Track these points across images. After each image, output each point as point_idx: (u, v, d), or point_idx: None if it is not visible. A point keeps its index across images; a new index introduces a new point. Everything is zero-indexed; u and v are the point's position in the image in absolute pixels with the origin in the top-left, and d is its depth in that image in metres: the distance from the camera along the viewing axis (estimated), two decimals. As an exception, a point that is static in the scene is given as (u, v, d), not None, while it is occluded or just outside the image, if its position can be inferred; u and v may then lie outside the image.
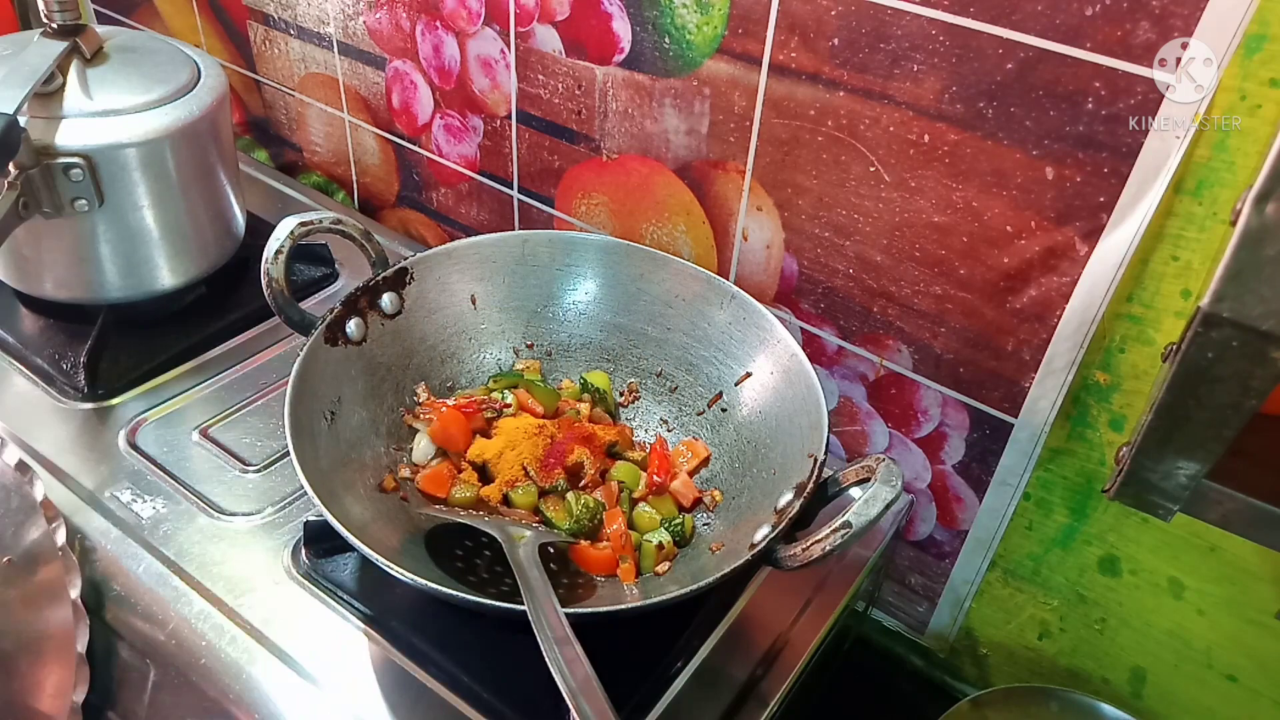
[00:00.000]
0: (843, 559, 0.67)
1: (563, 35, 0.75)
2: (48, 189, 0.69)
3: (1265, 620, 0.62)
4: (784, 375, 0.64)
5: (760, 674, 0.59)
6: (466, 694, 0.55)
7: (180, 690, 0.58)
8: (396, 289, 0.68)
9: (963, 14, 0.55)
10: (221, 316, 0.82)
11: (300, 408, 0.57)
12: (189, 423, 0.72)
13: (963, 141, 0.58)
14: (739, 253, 0.74)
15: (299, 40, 0.98)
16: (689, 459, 0.67)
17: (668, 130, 0.73)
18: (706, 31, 0.67)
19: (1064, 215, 0.57)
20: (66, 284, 0.76)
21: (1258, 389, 0.41)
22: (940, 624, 0.79)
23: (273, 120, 1.10)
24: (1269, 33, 0.47)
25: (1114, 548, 0.67)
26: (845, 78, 0.61)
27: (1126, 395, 0.61)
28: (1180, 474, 0.46)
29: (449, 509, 0.62)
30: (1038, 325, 0.61)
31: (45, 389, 0.74)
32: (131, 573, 0.61)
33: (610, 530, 0.61)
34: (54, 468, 0.67)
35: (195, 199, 0.78)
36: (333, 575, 0.61)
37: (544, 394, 0.68)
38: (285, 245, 0.61)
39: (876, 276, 0.67)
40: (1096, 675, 0.73)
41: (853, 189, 0.65)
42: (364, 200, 1.06)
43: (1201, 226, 0.53)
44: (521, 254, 0.72)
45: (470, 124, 0.87)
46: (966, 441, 0.69)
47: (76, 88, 0.71)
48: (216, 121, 0.78)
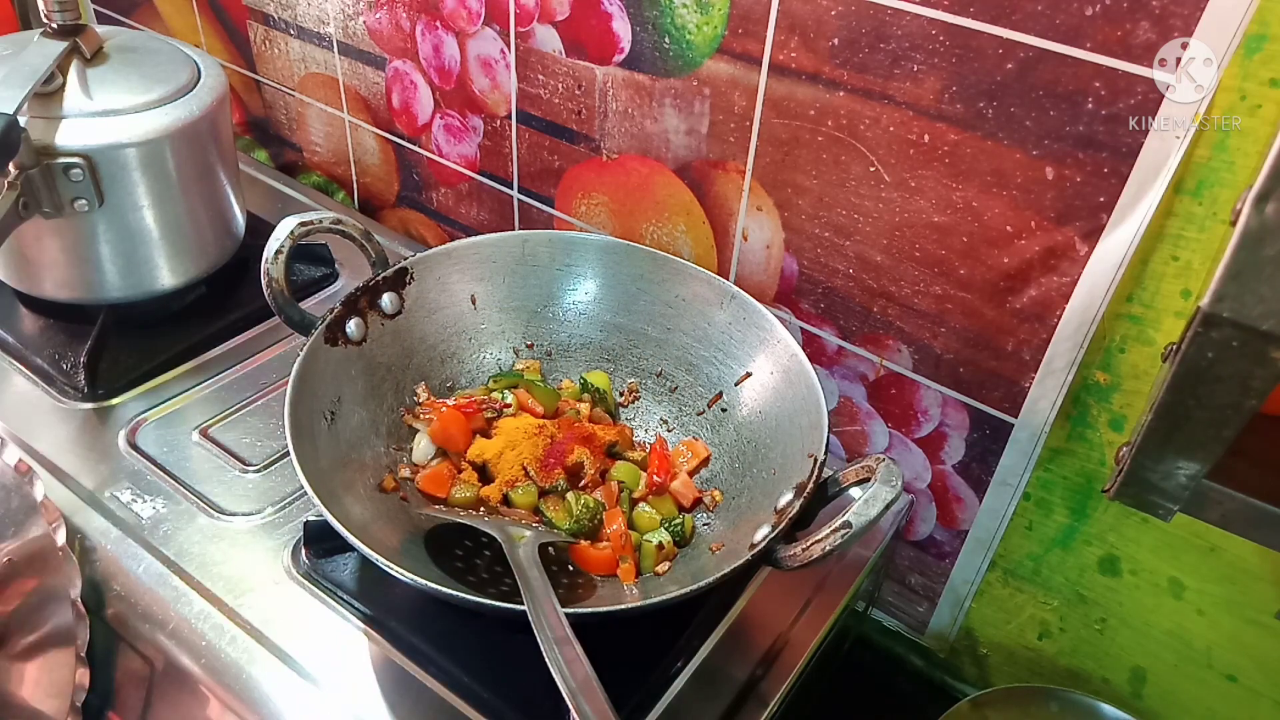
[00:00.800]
0: (843, 559, 0.67)
1: (563, 35, 0.75)
2: (48, 189, 0.69)
3: (1265, 620, 0.62)
4: (784, 375, 0.64)
5: (760, 674, 0.59)
6: (466, 694, 0.55)
7: (180, 690, 0.58)
8: (396, 289, 0.68)
9: (963, 14, 0.55)
10: (221, 316, 0.82)
11: (300, 408, 0.57)
12: (189, 423, 0.72)
13: (963, 141, 0.58)
14: (739, 253, 0.74)
15: (299, 40, 0.98)
16: (689, 459, 0.67)
17: (668, 130, 0.73)
18: (706, 31, 0.67)
19: (1064, 215, 0.57)
20: (66, 284, 0.76)
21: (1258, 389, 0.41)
22: (940, 624, 0.79)
23: (273, 120, 1.10)
24: (1269, 33, 0.47)
25: (1114, 548, 0.67)
26: (845, 78, 0.61)
27: (1126, 395, 0.61)
28: (1180, 474, 0.46)
29: (449, 509, 0.62)
30: (1038, 325, 0.61)
31: (45, 389, 0.74)
32: (131, 573, 0.61)
33: (610, 530, 0.61)
34: (54, 468, 0.67)
35: (195, 199, 0.78)
36: (333, 575, 0.61)
37: (544, 394, 0.68)
38: (285, 245, 0.61)
39: (876, 276, 0.67)
40: (1096, 675, 0.73)
41: (853, 189, 0.65)
42: (364, 200, 1.06)
43: (1201, 226, 0.53)
44: (521, 254, 0.72)
45: (470, 124, 0.87)
46: (966, 441, 0.69)
47: (76, 88, 0.71)
48: (216, 121, 0.78)
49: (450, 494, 0.63)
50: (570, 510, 0.61)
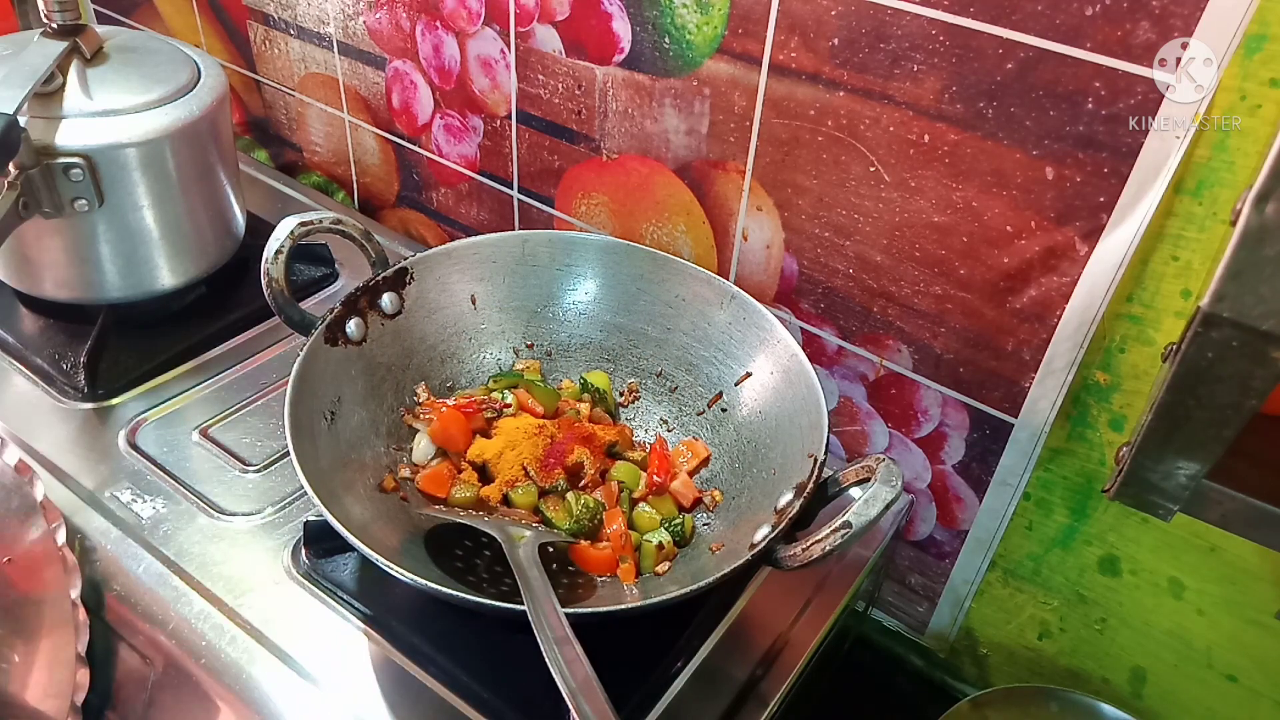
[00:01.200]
0: (843, 559, 0.67)
1: (563, 35, 0.75)
2: (48, 189, 0.69)
3: (1265, 620, 0.62)
4: (784, 375, 0.64)
5: (760, 674, 0.59)
6: (466, 694, 0.55)
7: (180, 690, 0.58)
8: (396, 289, 0.68)
9: (963, 14, 0.55)
10: (221, 316, 0.82)
11: (300, 408, 0.57)
12: (189, 423, 0.72)
13: (963, 141, 0.58)
14: (739, 253, 0.74)
15: (299, 40, 0.98)
16: (689, 459, 0.67)
17: (668, 130, 0.73)
18: (706, 31, 0.67)
19: (1064, 215, 0.57)
20: (66, 284, 0.76)
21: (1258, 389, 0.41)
22: (940, 624, 0.79)
23: (273, 120, 1.10)
24: (1269, 33, 0.47)
25: (1114, 548, 0.67)
26: (845, 78, 0.61)
27: (1126, 395, 0.61)
28: (1180, 474, 0.46)
29: (449, 509, 0.62)
30: (1038, 325, 0.61)
31: (45, 389, 0.74)
32: (131, 573, 0.61)
33: (610, 530, 0.61)
34: (54, 468, 0.67)
35: (195, 199, 0.78)
36: (333, 575, 0.61)
37: (544, 394, 0.68)
38: (285, 245, 0.61)
39: (876, 276, 0.67)
40: (1096, 675, 0.73)
41: (853, 189, 0.65)
42: (364, 200, 1.06)
43: (1201, 226, 0.53)
44: (521, 254, 0.72)
45: (470, 124, 0.87)
46: (966, 441, 0.69)
47: (76, 88, 0.71)
48: (216, 121, 0.78)
49: (450, 494, 0.63)
50: (570, 510, 0.61)
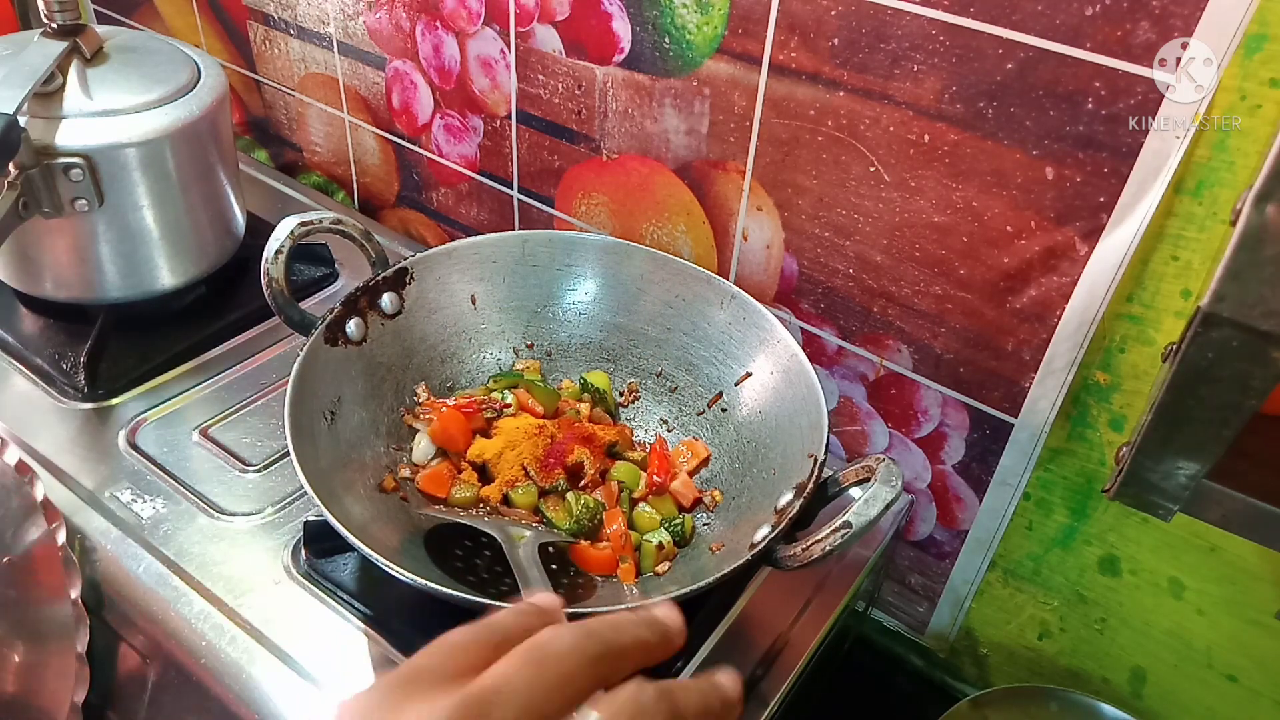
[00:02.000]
0: (843, 559, 0.67)
1: (563, 35, 0.75)
2: (48, 189, 0.69)
3: (1265, 620, 0.62)
4: (784, 375, 0.64)
5: (760, 674, 0.59)
6: (466, 694, 0.55)
7: (180, 690, 0.58)
8: (396, 289, 0.68)
9: (963, 14, 0.55)
10: (221, 316, 0.81)
11: (300, 408, 0.57)
12: (189, 423, 0.72)
13: (963, 141, 0.58)
14: (739, 253, 0.74)
15: (299, 40, 0.98)
16: (689, 459, 0.67)
17: (668, 130, 0.73)
18: (706, 31, 0.67)
19: (1064, 215, 0.57)
20: (66, 284, 0.76)
21: (1258, 389, 0.41)
22: (940, 624, 0.79)
23: (273, 120, 1.11)
24: (1269, 33, 0.47)
25: (1114, 548, 0.67)
26: (845, 78, 0.61)
27: (1126, 395, 0.61)
28: (1180, 474, 0.47)
29: (449, 509, 0.62)
30: (1038, 325, 0.61)
31: (45, 389, 0.74)
32: (131, 573, 0.61)
33: (610, 530, 0.61)
34: (54, 468, 0.67)
35: (195, 199, 0.78)
36: (333, 575, 0.61)
37: (544, 394, 0.68)
38: (285, 245, 0.61)
39: (876, 276, 0.67)
40: (1096, 675, 0.73)
41: (853, 189, 0.65)
42: (364, 200, 1.06)
43: (1201, 226, 0.53)
44: (521, 254, 0.72)
45: (470, 124, 0.87)
46: (966, 441, 0.69)
47: (76, 88, 0.71)
48: (216, 121, 0.78)
49: (450, 494, 0.63)
50: (570, 510, 0.61)
